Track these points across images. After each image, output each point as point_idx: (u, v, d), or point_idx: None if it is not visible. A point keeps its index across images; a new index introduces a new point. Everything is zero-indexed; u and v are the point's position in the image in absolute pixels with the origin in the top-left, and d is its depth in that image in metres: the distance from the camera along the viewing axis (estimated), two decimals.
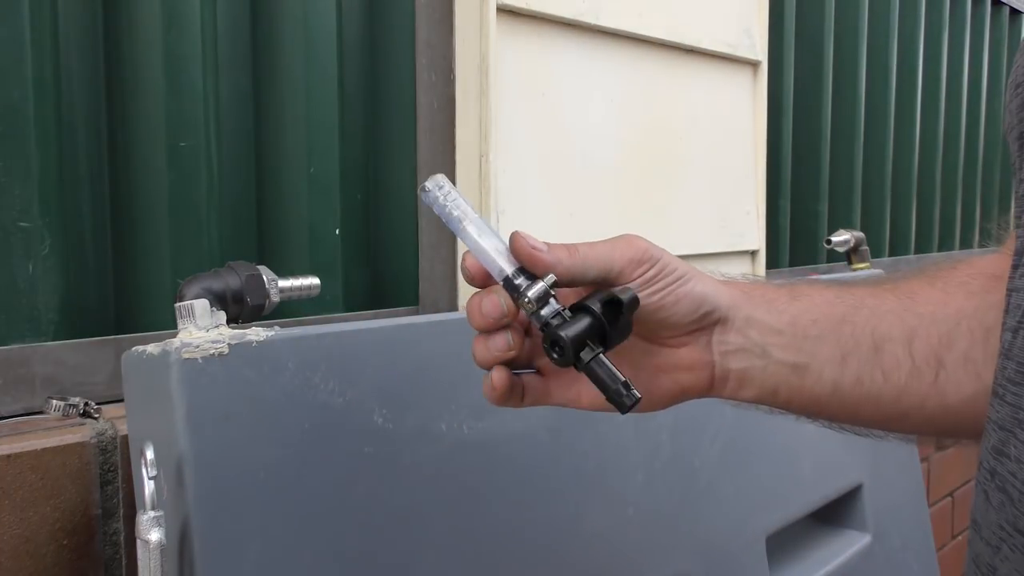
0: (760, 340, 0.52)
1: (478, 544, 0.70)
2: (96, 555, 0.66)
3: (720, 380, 0.53)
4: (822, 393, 0.52)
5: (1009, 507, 0.36)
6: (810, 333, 0.52)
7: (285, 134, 0.91)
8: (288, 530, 0.59)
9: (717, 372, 0.53)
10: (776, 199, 1.62)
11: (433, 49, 0.99)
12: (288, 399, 0.60)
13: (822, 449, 1.08)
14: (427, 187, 0.50)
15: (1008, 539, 0.36)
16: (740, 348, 0.52)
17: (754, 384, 0.53)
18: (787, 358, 0.52)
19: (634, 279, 0.49)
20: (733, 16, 1.32)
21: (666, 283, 0.50)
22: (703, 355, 0.52)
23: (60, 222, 0.75)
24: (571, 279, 0.49)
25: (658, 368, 0.52)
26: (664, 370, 0.52)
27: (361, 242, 1.00)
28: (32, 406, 0.72)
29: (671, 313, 0.50)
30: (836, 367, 0.52)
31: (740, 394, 0.53)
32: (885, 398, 0.52)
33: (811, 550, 1.09)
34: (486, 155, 0.97)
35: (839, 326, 0.52)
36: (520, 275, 0.48)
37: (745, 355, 0.52)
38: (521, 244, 0.48)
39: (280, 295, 0.70)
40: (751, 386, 0.53)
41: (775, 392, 0.53)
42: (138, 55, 0.80)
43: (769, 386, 0.53)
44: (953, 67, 2.23)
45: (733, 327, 0.52)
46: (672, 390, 0.53)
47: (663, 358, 0.52)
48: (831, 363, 0.52)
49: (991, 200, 2.50)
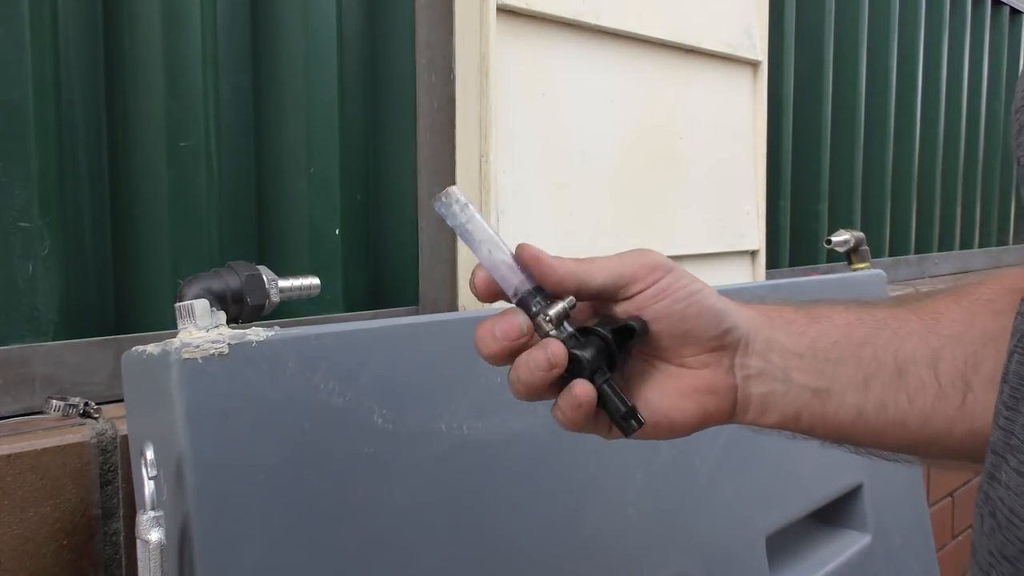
0: (781, 364, 0.51)
1: (478, 544, 0.70)
2: (96, 555, 0.66)
3: (743, 405, 0.52)
4: (846, 419, 0.51)
5: (997, 533, 0.36)
6: (830, 356, 0.51)
7: (285, 134, 0.91)
8: (288, 530, 0.59)
9: (740, 397, 0.52)
10: (776, 199, 1.62)
11: (433, 49, 0.99)
12: (288, 399, 0.60)
13: (822, 449, 1.08)
14: (441, 199, 0.49)
15: (996, 565, 0.36)
16: (761, 372, 0.51)
17: (776, 409, 0.52)
18: (808, 382, 0.51)
19: (649, 285, 0.49)
20: (733, 16, 1.32)
21: (685, 293, 0.49)
22: (726, 378, 0.51)
23: (60, 222, 0.75)
24: (579, 285, 0.48)
25: (681, 392, 0.51)
26: (688, 393, 0.51)
27: (361, 242, 1.00)
28: (32, 406, 0.72)
29: (694, 325, 0.49)
30: (859, 391, 0.51)
31: (762, 420, 0.52)
32: (911, 423, 0.50)
33: (811, 550, 1.09)
34: (486, 155, 0.97)
35: (860, 349, 0.51)
36: (536, 294, 0.47)
37: (767, 379, 0.51)
38: (531, 254, 0.47)
39: (280, 295, 0.70)
40: (773, 411, 0.52)
41: (797, 417, 0.52)
42: (138, 54, 0.80)
43: (791, 411, 0.52)
44: (953, 67, 2.23)
45: (754, 350, 0.51)
46: (696, 414, 0.51)
47: (687, 380, 0.51)
48: (853, 387, 0.51)
49: (991, 200, 2.50)
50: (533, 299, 0.47)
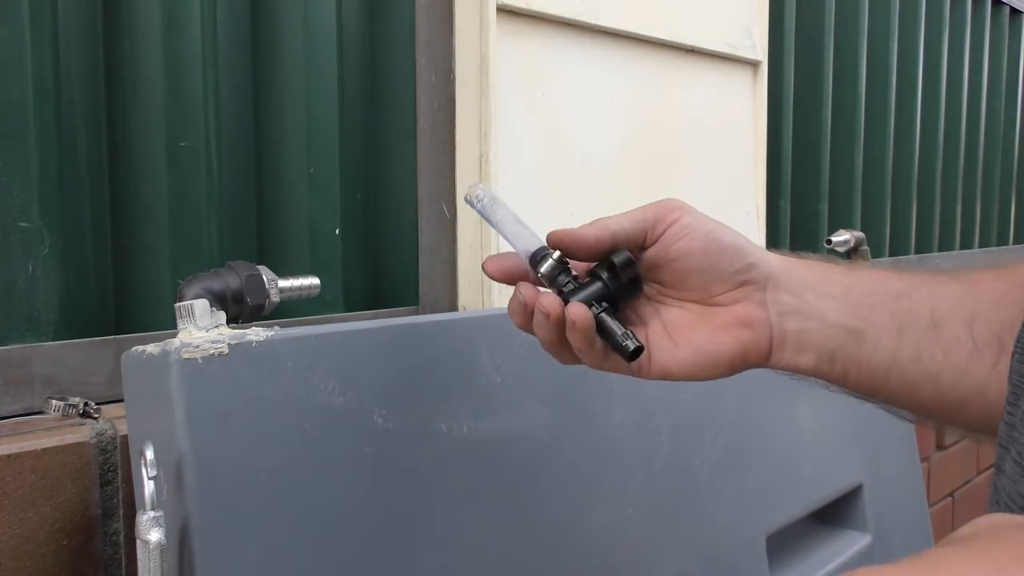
0: (815, 303, 0.52)
1: (478, 544, 0.70)
2: (96, 555, 0.66)
3: (779, 342, 0.53)
4: (880, 365, 0.52)
5: None
6: (865, 302, 0.52)
7: (285, 134, 0.91)
8: (288, 530, 0.59)
9: (775, 333, 0.53)
10: (776, 199, 1.62)
11: (433, 49, 0.99)
12: (288, 399, 0.60)
13: (822, 449, 1.08)
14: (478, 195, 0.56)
15: None
16: (795, 310, 0.52)
17: (811, 347, 0.52)
18: (843, 322, 0.52)
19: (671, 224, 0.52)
20: (733, 16, 1.32)
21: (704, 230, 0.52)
22: (759, 312, 0.52)
23: (60, 222, 0.75)
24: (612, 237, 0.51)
25: (716, 328, 0.53)
26: (723, 328, 0.53)
27: (361, 242, 1.00)
28: (32, 406, 0.72)
29: (716, 260, 0.52)
30: (893, 337, 0.51)
31: (799, 360, 0.53)
32: (944, 378, 0.50)
33: (811, 550, 1.09)
34: (486, 155, 0.97)
35: (895, 300, 0.52)
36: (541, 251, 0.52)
37: (801, 317, 0.52)
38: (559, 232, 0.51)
39: (280, 295, 0.70)
40: (809, 349, 0.53)
41: (832, 358, 0.52)
42: (138, 55, 0.80)
43: (827, 350, 0.52)
44: (953, 67, 2.23)
45: (787, 288, 0.53)
46: (733, 348, 0.52)
47: (720, 316, 0.53)
48: (887, 333, 0.51)
49: (991, 200, 2.50)
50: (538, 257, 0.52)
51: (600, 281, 0.51)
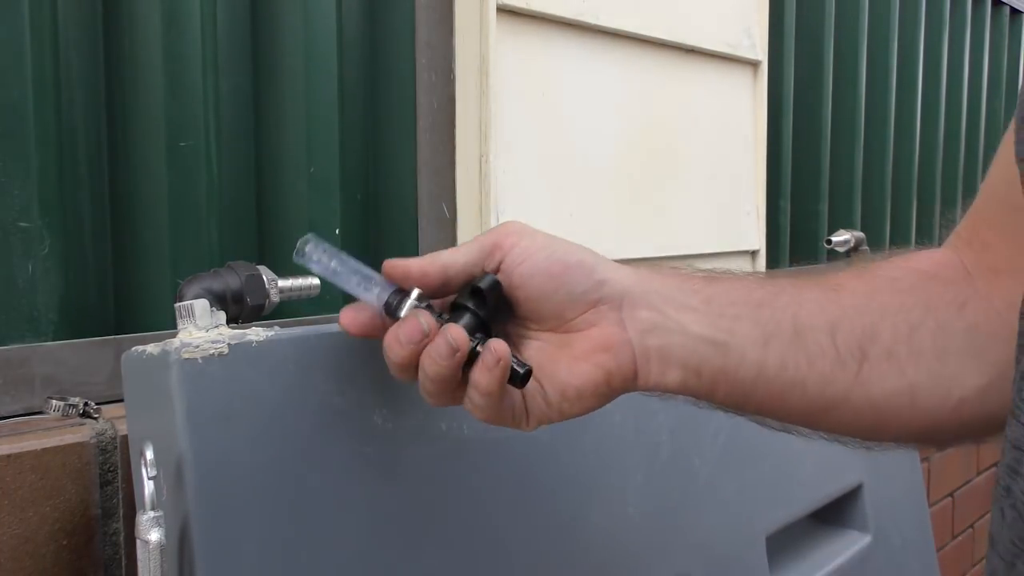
0: (676, 316, 0.50)
1: (478, 544, 0.70)
2: (96, 555, 0.66)
3: (643, 361, 0.50)
4: (747, 376, 0.50)
5: (1020, 524, 0.37)
6: (727, 312, 0.50)
7: (285, 134, 0.91)
8: (288, 530, 0.59)
9: (638, 352, 0.50)
10: (776, 199, 1.62)
11: (433, 49, 0.99)
12: (288, 399, 0.60)
13: (822, 449, 1.08)
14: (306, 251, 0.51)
15: (1020, 555, 0.37)
16: (656, 325, 0.50)
17: (677, 362, 0.50)
18: (706, 333, 0.50)
19: (509, 250, 0.49)
20: (733, 16, 1.32)
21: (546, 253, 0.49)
22: (618, 332, 0.50)
23: (60, 222, 0.75)
24: (443, 271, 0.49)
25: (575, 357, 0.50)
26: (582, 356, 0.50)
27: (361, 242, 1.00)
28: (32, 406, 0.72)
29: (563, 282, 0.49)
30: (758, 348, 0.50)
31: (667, 378, 0.51)
32: (810, 387, 0.50)
33: (811, 550, 1.09)
34: (486, 155, 0.97)
35: (758, 309, 0.51)
36: (396, 296, 0.49)
37: (663, 332, 0.50)
38: (391, 265, 0.49)
39: (280, 295, 0.70)
40: (674, 365, 0.50)
41: (699, 372, 0.50)
42: (138, 55, 0.80)
43: (693, 364, 0.50)
44: (953, 67, 2.23)
45: (644, 303, 0.50)
46: (596, 376, 0.50)
47: (578, 344, 0.50)
48: (752, 343, 0.50)
49: None
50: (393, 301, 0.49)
51: (467, 311, 0.48)
